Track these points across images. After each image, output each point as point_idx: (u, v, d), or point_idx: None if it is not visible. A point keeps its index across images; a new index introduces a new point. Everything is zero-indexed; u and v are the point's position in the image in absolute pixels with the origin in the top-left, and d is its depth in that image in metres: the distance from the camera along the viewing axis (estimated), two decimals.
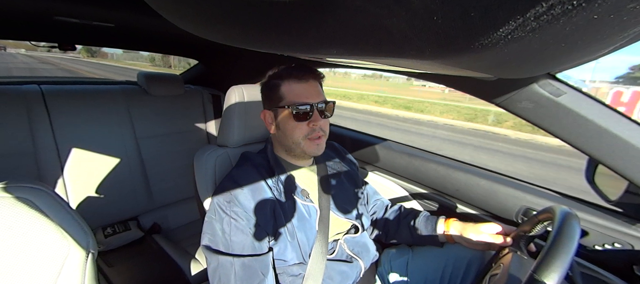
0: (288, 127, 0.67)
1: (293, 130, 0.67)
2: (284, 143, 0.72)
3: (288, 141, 0.69)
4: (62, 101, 1.17)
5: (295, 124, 0.66)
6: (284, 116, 0.67)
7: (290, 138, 0.68)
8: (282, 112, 0.67)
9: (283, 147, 0.74)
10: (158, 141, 1.39)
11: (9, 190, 0.45)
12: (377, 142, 1.29)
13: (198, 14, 0.32)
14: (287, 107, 0.65)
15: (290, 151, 0.73)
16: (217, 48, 1.42)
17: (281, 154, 0.75)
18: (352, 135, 1.37)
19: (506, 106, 0.73)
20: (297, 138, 0.68)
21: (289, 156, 0.75)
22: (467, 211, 1.01)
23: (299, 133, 0.67)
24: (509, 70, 0.43)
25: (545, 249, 0.46)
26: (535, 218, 0.62)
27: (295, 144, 0.69)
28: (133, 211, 1.34)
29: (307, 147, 0.68)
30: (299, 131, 0.67)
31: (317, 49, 0.31)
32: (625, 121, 0.63)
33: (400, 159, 1.17)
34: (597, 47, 0.37)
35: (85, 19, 0.91)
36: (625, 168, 0.64)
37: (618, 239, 0.73)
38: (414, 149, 1.18)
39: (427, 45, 0.27)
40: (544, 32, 0.24)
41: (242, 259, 0.61)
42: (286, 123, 0.67)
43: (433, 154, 1.13)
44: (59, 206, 0.49)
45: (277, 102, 0.67)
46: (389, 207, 0.92)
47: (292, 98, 0.65)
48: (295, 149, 0.70)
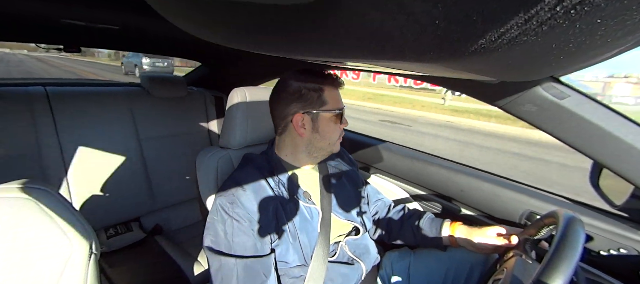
0: (329, 131, 0.71)
1: (333, 133, 0.72)
2: (316, 145, 0.72)
3: (323, 143, 0.72)
4: (66, 102, 1.18)
5: (335, 127, 0.72)
6: (327, 120, 0.71)
7: (328, 140, 0.72)
8: (325, 116, 0.70)
9: (308, 150, 0.73)
10: (161, 142, 1.40)
11: (13, 190, 0.45)
12: (378, 143, 1.28)
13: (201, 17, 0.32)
14: (334, 111, 0.70)
15: (314, 153, 0.74)
16: (220, 50, 1.43)
17: (288, 157, 0.75)
18: (353, 137, 1.37)
19: (509, 109, 0.73)
20: (334, 139, 0.73)
21: (300, 159, 0.75)
22: (469, 214, 1.00)
23: (335, 135, 0.73)
24: (512, 73, 0.43)
25: (549, 254, 0.46)
26: (539, 222, 0.62)
27: (330, 145, 0.74)
28: (135, 212, 1.35)
29: (335, 147, 0.75)
30: (337, 132, 0.73)
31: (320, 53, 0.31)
32: (630, 124, 0.62)
33: (402, 161, 1.17)
34: (601, 51, 0.37)
35: (91, 21, 0.92)
36: (630, 172, 0.63)
37: (623, 244, 0.72)
38: (416, 152, 1.17)
39: (429, 49, 0.27)
40: (547, 36, 0.24)
41: (244, 260, 0.61)
42: (328, 126, 0.71)
43: (435, 157, 1.12)
44: (63, 207, 0.49)
45: (319, 106, 0.70)
46: (390, 209, 0.91)
47: (335, 103, 0.71)
48: (326, 150, 0.74)
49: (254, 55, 1.31)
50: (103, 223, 1.26)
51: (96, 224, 1.23)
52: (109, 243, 1.23)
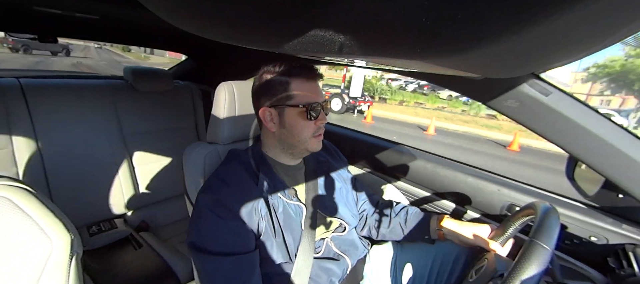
0: (297, 126, 0.67)
1: (302, 129, 0.67)
2: (286, 141, 0.70)
3: (293, 140, 0.69)
4: (44, 95, 1.12)
5: (305, 123, 0.67)
6: (293, 115, 0.66)
7: (297, 137, 0.68)
8: (290, 110, 0.66)
9: (281, 145, 0.72)
10: (146, 138, 1.36)
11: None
12: (366, 139, 1.30)
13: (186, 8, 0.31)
14: (299, 106, 0.65)
15: (288, 150, 0.72)
16: (207, 43, 1.40)
17: (270, 152, 0.74)
18: (341, 132, 1.38)
19: (493, 105, 0.76)
20: (305, 137, 0.68)
21: (280, 155, 0.74)
22: (454, 207, 1.03)
23: (307, 132, 0.68)
24: (495, 69, 0.44)
25: (527, 242, 0.48)
26: (518, 214, 0.65)
27: (301, 142, 0.69)
28: (120, 208, 1.31)
29: (311, 145, 0.70)
30: (308, 129, 0.68)
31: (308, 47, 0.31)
32: (603, 120, 0.66)
33: (389, 157, 1.19)
34: (579, 49, 0.39)
35: (67, 10, 0.87)
36: (602, 165, 0.67)
37: (594, 232, 0.77)
38: (402, 146, 1.20)
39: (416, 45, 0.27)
40: (528, 33, 0.25)
41: (228, 257, 0.61)
42: (295, 122, 0.67)
43: (421, 151, 1.15)
44: (41, 204, 0.47)
45: (284, 100, 0.66)
46: (378, 204, 0.93)
47: (304, 97, 0.66)
48: (298, 147, 0.70)
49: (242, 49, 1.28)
50: (85, 220, 1.22)
51: (78, 222, 1.19)
52: (92, 240, 1.19)
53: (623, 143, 0.64)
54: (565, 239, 0.81)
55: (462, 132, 8.19)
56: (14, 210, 0.44)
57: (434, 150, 1.19)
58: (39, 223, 0.45)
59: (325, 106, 0.70)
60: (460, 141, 6.88)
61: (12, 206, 0.44)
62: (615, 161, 0.65)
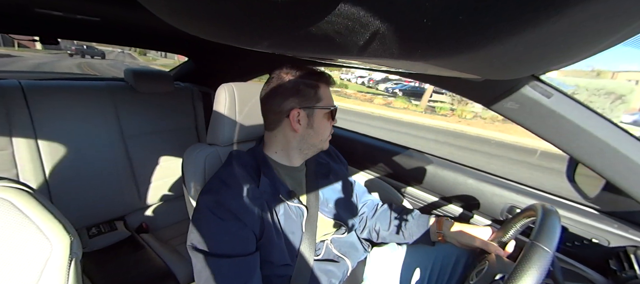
0: (322, 127, 0.73)
1: (325, 129, 0.74)
2: (309, 141, 0.73)
3: (316, 140, 0.73)
4: (44, 97, 1.12)
5: (328, 123, 0.74)
6: (321, 117, 0.72)
7: (320, 136, 0.73)
8: (320, 112, 0.71)
9: (299, 146, 0.73)
10: (146, 139, 1.36)
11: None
12: (366, 141, 1.30)
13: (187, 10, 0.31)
14: (329, 108, 0.72)
15: (305, 150, 0.74)
16: (208, 45, 1.40)
17: (273, 154, 0.75)
18: (342, 134, 1.38)
19: (493, 107, 0.75)
20: (325, 136, 0.74)
21: (285, 155, 0.74)
22: (455, 209, 1.03)
23: (327, 131, 0.75)
24: (495, 71, 0.44)
25: (528, 244, 0.48)
26: (519, 215, 0.65)
27: (321, 142, 0.75)
28: (120, 210, 1.31)
29: (325, 144, 0.76)
30: (328, 129, 0.75)
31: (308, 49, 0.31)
32: (604, 122, 0.66)
33: (390, 158, 1.19)
34: (580, 51, 0.39)
35: (68, 12, 0.87)
36: (602, 167, 0.67)
37: (596, 234, 0.77)
38: (403, 148, 1.20)
39: (417, 47, 0.27)
40: (528, 35, 0.25)
41: (228, 259, 0.60)
42: (322, 123, 0.72)
43: (422, 153, 1.15)
44: (40, 206, 0.47)
45: (314, 102, 0.70)
46: (379, 206, 0.93)
47: (329, 101, 0.73)
48: (317, 147, 0.75)
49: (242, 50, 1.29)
50: (85, 222, 1.22)
51: (78, 224, 1.19)
52: (92, 242, 1.19)
53: (624, 145, 0.64)
54: (566, 241, 0.80)
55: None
56: (13, 211, 0.44)
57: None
58: (38, 224, 0.45)
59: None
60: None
61: (12, 208, 0.44)
62: (616, 162, 0.65)
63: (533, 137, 0.80)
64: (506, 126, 8.57)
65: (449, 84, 0.81)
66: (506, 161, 5.60)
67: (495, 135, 8.10)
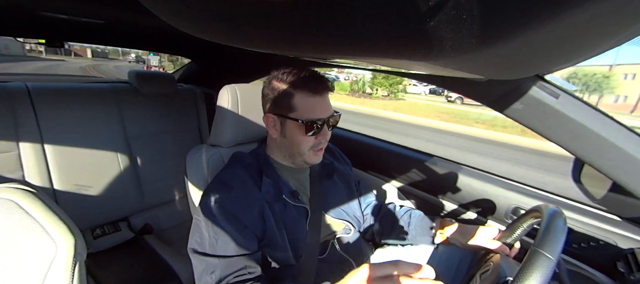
0: (296, 139, 0.66)
1: (301, 142, 0.66)
2: (287, 150, 0.71)
3: (292, 150, 0.69)
4: (50, 99, 1.14)
5: (304, 137, 0.65)
6: (293, 127, 0.65)
7: (295, 148, 0.68)
8: (291, 123, 0.65)
9: (282, 152, 0.72)
10: (150, 140, 1.37)
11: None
12: (370, 142, 1.29)
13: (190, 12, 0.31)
14: (299, 121, 0.63)
15: (290, 158, 0.72)
16: (210, 46, 1.41)
17: (275, 155, 0.75)
18: (346, 135, 1.38)
19: (497, 107, 0.75)
20: (304, 149, 0.67)
21: (284, 159, 0.74)
22: (459, 210, 1.02)
23: (306, 145, 0.67)
24: (499, 71, 0.44)
25: (534, 245, 0.47)
26: (523, 217, 0.64)
27: (299, 154, 0.69)
28: (124, 211, 1.32)
29: (309, 158, 0.69)
30: (307, 143, 0.67)
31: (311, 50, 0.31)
32: (610, 122, 0.65)
33: (394, 160, 1.18)
34: (584, 51, 0.38)
35: (73, 15, 0.88)
36: (609, 168, 0.66)
37: (603, 236, 0.76)
38: (407, 150, 1.19)
39: (420, 47, 0.27)
40: (532, 35, 0.25)
41: (229, 259, 0.60)
42: (295, 135, 0.66)
43: (426, 155, 1.14)
44: (45, 207, 0.47)
45: (287, 111, 0.64)
46: (382, 207, 0.92)
47: (306, 112, 0.63)
48: (297, 158, 0.70)
49: (245, 51, 1.30)
50: (89, 223, 1.23)
51: (82, 225, 1.20)
52: (96, 243, 1.20)
53: (631, 146, 0.63)
54: (572, 243, 0.79)
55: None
56: (18, 212, 0.44)
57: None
58: (43, 225, 0.45)
59: (332, 120, 0.68)
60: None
61: (17, 209, 0.44)
62: (623, 163, 0.64)
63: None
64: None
65: (452, 84, 0.81)
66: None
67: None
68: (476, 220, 0.98)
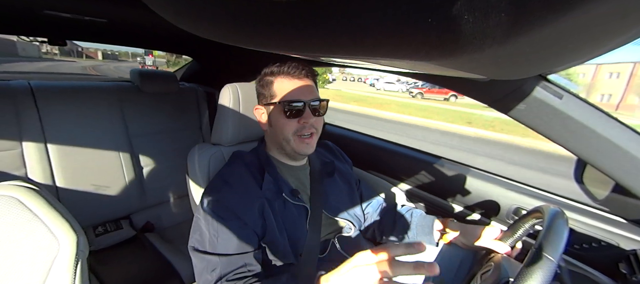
0: (279, 123, 0.68)
1: (283, 126, 0.68)
2: (275, 140, 0.72)
3: (278, 138, 0.71)
4: (52, 97, 1.14)
5: (285, 120, 0.67)
6: (275, 112, 0.68)
7: (280, 134, 0.69)
8: (273, 108, 0.68)
9: (275, 144, 0.74)
10: (151, 139, 1.37)
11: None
12: (371, 141, 1.29)
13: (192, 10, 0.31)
14: (279, 103, 0.67)
15: (281, 149, 0.73)
16: (212, 45, 1.41)
17: (274, 153, 0.75)
18: (347, 134, 1.38)
19: (499, 107, 0.75)
20: (288, 134, 0.68)
21: (282, 155, 0.74)
22: (460, 210, 1.02)
23: (289, 129, 0.68)
24: (501, 71, 0.44)
25: (535, 246, 0.47)
26: (525, 217, 0.64)
27: (286, 141, 0.70)
28: (125, 209, 1.32)
29: (296, 146, 0.69)
30: (289, 127, 0.67)
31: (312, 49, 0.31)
32: (613, 122, 0.64)
33: (395, 159, 1.18)
34: (588, 50, 0.38)
35: (76, 13, 0.89)
36: (611, 168, 0.66)
37: (604, 237, 0.75)
38: (408, 149, 1.19)
39: (421, 47, 0.27)
40: (535, 35, 0.25)
41: (229, 257, 0.61)
42: (277, 119, 0.68)
43: (427, 154, 1.14)
44: (48, 204, 0.48)
45: (269, 98, 0.68)
46: (383, 206, 0.92)
47: (284, 95, 0.67)
48: (286, 147, 0.71)
49: (246, 50, 1.30)
50: (92, 221, 1.24)
51: (84, 222, 1.21)
52: (98, 241, 1.21)
53: (634, 146, 0.63)
54: (574, 244, 0.79)
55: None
56: (22, 210, 0.44)
57: None
58: (46, 223, 0.46)
59: (319, 106, 0.70)
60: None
61: (20, 206, 0.44)
62: (626, 164, 0.64)
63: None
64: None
65: (454, 84, 0.81)
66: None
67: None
68: (477, 220, 0.98)
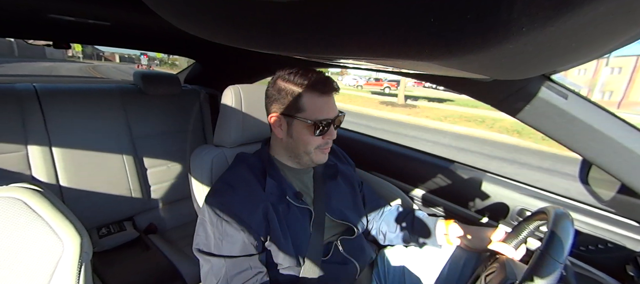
0: (303, 139, 0.67)
1: (308, 142, 0.67)
2: (293, 150, 0.70)
3: (299, 150, 0.69)
4: (57, 99, 1.15)
5: (311, 137, 0.66)
6: (301, 127, 0.66)
7: (302, 148, 0.68)
8: (299, 123, 0.66)
9: (287, 152, 0.72)
10: (154, 141, 1.38)
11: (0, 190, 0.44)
12: (374, 143, 1.29)
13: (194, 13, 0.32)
14: (309, 121, 0.64)
15: (296, 158, 0.72)
16: (215, 47, 1.42)
17: (279, 156, 0.75)
18: (349, 136, 1.38)
19: (502, 108, 0.74)
20: (310, 149, 0.68)
21: (288, 159, 0.74)
22: (464, 211, 1.01)
23: (313, 145, 0.68)
24: (504, 71, 0.44)
25: (540, 248, 0.47)
26: (529, 219, 0.63)
27: (306, 154, 0.69)
28: (128, 211, 1.33)
29: (316, 157, 0.69)
30: (314, 143, 0.68)
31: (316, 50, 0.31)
32: (618, 122, 0.64)
33: (398, 161, 1.18)
34: (591, 50, 0.38)
35: (80, 17, 0.90)
36: (617, 169, 0.65)
37: (610, 239, 0.74)
38: (411, 150, 1.18)
39: (424, 47, 0.27)
40: (538, 35, 0.25)
41: (233, 260, 0.61)
42: (302, 134, 0.67)
43: (430, 155, 1.13)
44: (53, 206, 0.48)
45: (295, 111, 0.65)
46: (386, 208, 0.92)
47: (314, 112, 0.65)
48: (303, 158, 0.70)
49: (249, 52, 1.30)
50: (95, 222, 1.24)
51: (88, 224, 1.21)
52: (101, 242, 1.21)
53: (639, 146, 0.62)
54: (580, 246, 0.78)
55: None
56: (26, 211, 0.45)
57: None
58: (50, 224, 0.46)
59: (338, 120, 0.69)
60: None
61: (25, 208, 0.45)
62: (632, 165, 0.63)
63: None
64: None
65: (456, 85, 0.80)
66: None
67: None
68: (481, 221, 0.97)
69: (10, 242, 0.43)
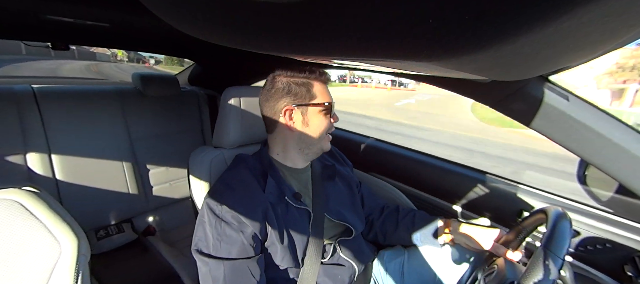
0: (318, 123, 0.72)
1: (321, 125, 0.72)
2: (305, 141, 0.73)
3: (313, 139, 0.72)
4: (55, 101, 1.15)
5: (325, 120, 0.72)
6: (316, 113, 0.71)
7: (316, 133, 0.72)
8: (314, 109, 0.71)
9: (298, 146, 0.73)
10: (153, 142, 1.37)
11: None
12: (373, 144, 1.29)
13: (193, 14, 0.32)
14: (323, 104, 0.71)
15: (304, 149, 0.74)
16: (214, 49, 1.42)
17: (278, 156, 0.75)
18: (347, 136, 1.38)
19: (500, 108, 0.74)
20: (322, 133, 0.73)
21: (289, 158, 0.74)
22: (463, 212, 1.02)
23: (324, 128, 0.73)
24: (502, 72, 0.44)
25: (539, 249, 0.47)
26: (528, 219, 0.63)
27: (318, 141, 0.73)
28: (127, 212, 1.32)
29: (324, 144, 0.74)
30: (325, 126, 0.73)
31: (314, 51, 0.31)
32: (616, 123, 0.64)
33: (397, 161, 1.18)
34: (588, 51, 0.38)
35: (78, 18, 0.90)
36: (615, 169, 0.65)
37: (609, 239, 0.75)
38: (410, 151, 1.18)
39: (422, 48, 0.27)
40: (536, 35, 0.25)
41: (232, 262, 0.61)
42: (317, 119, 0.72)
43: (429, 156, 1.14)
44: (50, 208, 0.48)
45: (309, 100, 0.70)
46: (385, 208, 0.92)
47: (324, 97, 0.72)
48: (315, 146, 0.73)
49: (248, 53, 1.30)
50: (93, 224, 1.24)
51: (86, 226, 1.21)
52: (99, 244, 1.21)
53: (637, 147, 0.62)
54: (579, 246, 0.78)
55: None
56: (24, 213, 0.45)
57: None
58: (48, 226, 0.46)
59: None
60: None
61: (22, 210, 0.45)
62: (630, 165, 0.63)
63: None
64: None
65: (454, 85, 0.81)
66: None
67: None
68: (480, 221, 0.97)
69: (7, 244, 0.43)
